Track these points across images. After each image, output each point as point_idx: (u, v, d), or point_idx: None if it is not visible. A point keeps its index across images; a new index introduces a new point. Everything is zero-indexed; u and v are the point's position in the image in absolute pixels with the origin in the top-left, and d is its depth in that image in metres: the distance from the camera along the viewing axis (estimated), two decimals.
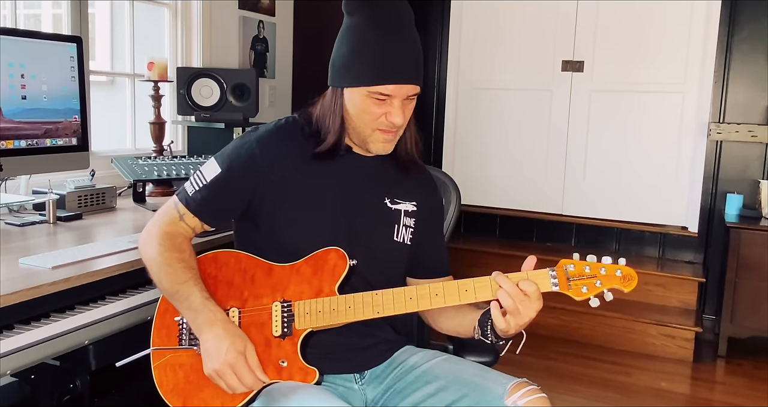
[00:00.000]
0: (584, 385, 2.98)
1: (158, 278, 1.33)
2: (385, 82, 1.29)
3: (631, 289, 1.21)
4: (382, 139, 1.35)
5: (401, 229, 1.43)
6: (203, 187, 1.35)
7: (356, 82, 1.30)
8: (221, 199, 1.37)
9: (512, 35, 4.07)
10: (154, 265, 1.33)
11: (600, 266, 1.22)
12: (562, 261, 1.23)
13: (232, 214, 1.42)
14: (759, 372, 3.19)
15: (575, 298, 1.22)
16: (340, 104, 1.34)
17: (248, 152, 1.35)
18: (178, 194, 1.39)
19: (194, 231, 1.39)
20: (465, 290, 1.25)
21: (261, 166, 1.34)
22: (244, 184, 1.35)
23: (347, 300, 1.28)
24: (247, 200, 1.36)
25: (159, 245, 1.33)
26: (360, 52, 1.30)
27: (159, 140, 2.78)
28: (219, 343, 1.24)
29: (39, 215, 2.05)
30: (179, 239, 1.35)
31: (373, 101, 1.30)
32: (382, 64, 1.28)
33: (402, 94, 1.31)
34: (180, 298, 1.30)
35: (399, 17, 1.32)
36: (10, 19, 2.39)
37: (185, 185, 1.39)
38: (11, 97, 1.84)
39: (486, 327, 1.30)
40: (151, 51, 3.15)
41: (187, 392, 1.31)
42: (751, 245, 3.22)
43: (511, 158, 4.17)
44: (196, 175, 1.38)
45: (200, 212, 1.36)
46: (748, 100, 3.57)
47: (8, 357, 1.32)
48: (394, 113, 1.31)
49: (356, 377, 1.41)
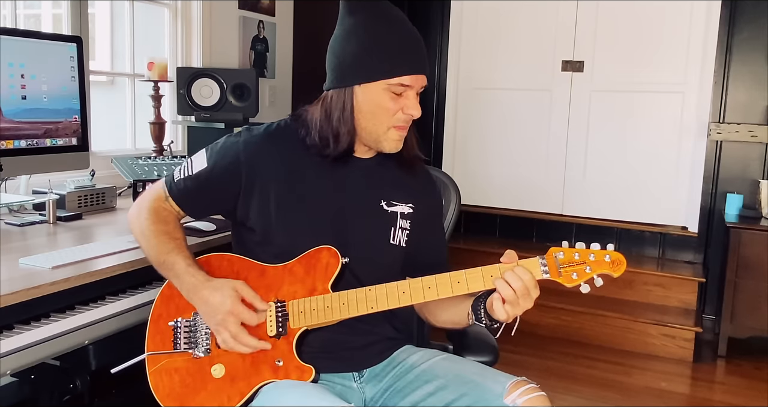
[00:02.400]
0: (584, 385, 2.98)
1: (146, 251, 1.38)
2: (405, 73, 1.29)
3: (620, 274, 1.22)
4: (397, 136, 1.36)
5: (397, 231, 1.43)
6: (188, 177, 1.40)
7: (374, 77, 1.30)
8: (202, 193, 1.40)
9: (512, 35, 4.07)
10: (142, 238, 1.39)
11: (589, 252, 1.23)
12: (551, 249, 1.24)
13: (212, 210, 1.47)
14: (759, 372, 3.19)
15: (566, 285, 1.23)
16: (351, 104, 1.33)
17: (234, 155, 1.37)
18: (167, 176, 1.45)
19: (178, 214, 1.43)
20: (457, 282, 1.26)
21: (244, 170, 1.35)
22: (225, 185, 1.37)
23: (341, 297, 1.29)
24: (228, 200, 1.38)
25: (145, 219, 1.38)
26: (373, 47, 1.30)
27: (159, 140, 2.78)
28: (210, 299, 1.27)
29: (39, 215, 2.05)
30: (164, 213, 1.41)
31: (390, 96, 1.31)
32: (400, 55, 1.30)
33: (418, 85, 1.32)
34: (166, 268, 1.34)
35: (397, 13, 1.34)
36: (10, 19, 2.39)
37: (175, 169, 1.44)
38: (11, 98, 1.84)
39: (479, 311, 1.29)
40: (151, 51, 3.15)
41: (183, 396, 1.31)
42: (751, 245, 3.22)
43: (511, 158, 4.17)
44: (186, 162, 1.42)
45: (180, 200, 1.42)
46: (748, 100, 3.57)
47: (8, 357, 1.32)
48: (410, 106, 1.32)
49: (355, 375, 1.41)
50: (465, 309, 1.34)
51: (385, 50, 1.29)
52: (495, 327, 1.30)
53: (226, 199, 1.38)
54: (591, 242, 1.25)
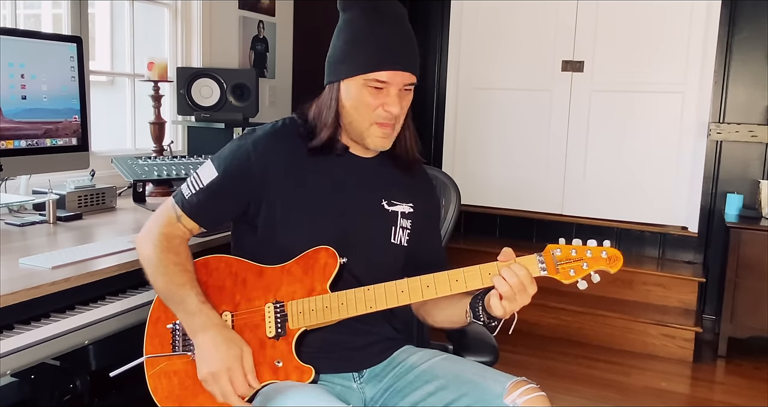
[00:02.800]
0: (584, 385, 2.98)
1: (153, 280, 1.33)
2: (380, 69, 1.29)
3: (617, 270, 1.23)
4: (380, 133, 1.35)
5: (398, 231, 1.43)
6: (199, 190, 1.36)
7: (352, 72, 1.31)
8: (217, 202, 1.37)
9: (512, 35, 4.07)
10: (150, 266, 1.34)
11: (586, 249, 1.24)
12: (548, 246, 1.25)
13: (228, 217, 1.42)
14: (759, 372, 3.19)
15: (563, 281, 1.24)
16: (336, 98, 1.34)
17: (244, 156, 1.35)
18: (175, 195, 1.39)
19: (191, 232, 1.39)
20: (455, 280, 1.25)
21: (257, 170, 1.34)
22: (240, 188, 1.35)
23: (339, 297, 1.29)
24: (243, 203, 1.37)
25: (155, 247, 1.33)
26: (355, 43, 1.31)
27: (159, 140, 2.78)
28: (215, 348, 1.25)
29: (39, 215, 2.05)
30: (176, 241, 1.36)
31: (370, 91, 1.31)
32: (378, 51, 1.29)
33: (398, 83, 1.31)
34: (175, 301, 1.30)
35: (393, 11, 1.34)
36: (10, 19, 2.39)
37: (182, 187, 1.39)
38: (11, 98, 1.84)
39: (477, 308, 1.29)
40: (151, 51, 3.15)
41: (182, 398, 1.31)
42: (751, 245, 3.22)
43: (511, 158, 4.17)
44: (193, 177, 1.38)
45: (196, 216, 1.37)
46: (748, 100, 3.57)
47: (8, 357, 1.32)
48: (390, 103, 1.31)
49: (355, 376, 1.41)
50: (463, 307, 1.34)
51: (365, 47, 1.30)
52: (493, 325, 1.30)
53: (241, 203, 1.37)
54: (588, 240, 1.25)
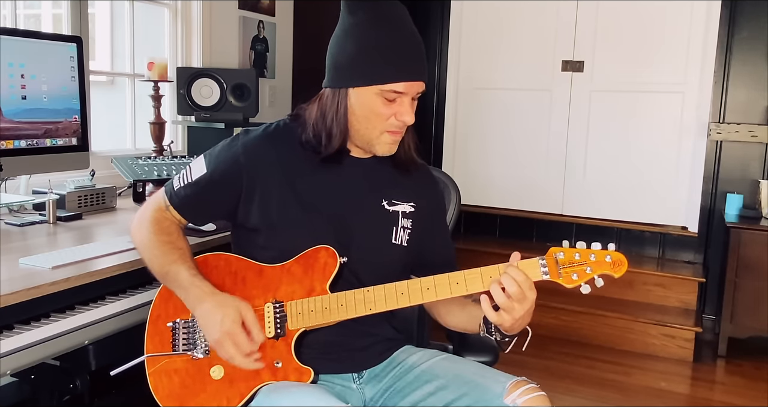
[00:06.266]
0: (584, 385, 2.98)
1: (149, 262, 1.36)
2: (397, 80, 1.27)
3: (621, 274, 1.20)
4: (390, 140, 1.34)
5: (399, 231, 1.42)
6: (188, 184, 1.38)
7: (367, 82, 1.28)
8: (203, 199, 1.39)
9: (512, 35, 4.07)
10: (144, 249, 1.37)
11: (590, 252, 1.21)
12: (551, 249, 1.22)
13: (216, 215, 1.46)
14: (759, 372, 3.19)
15: (566, 286, 1.21)
16: (345, 106, 1.31)
17: (233, 158, 1.36)
18: (166, 185, 1.43)
19: (180, 223, 1.42)
20: (456, 283, 1.25)
21: (245, 172, 1.34)
22: (226, 189, 1.36)
23: (339, 298, 1.28)
24: (230, 204, 1.37)
25: (147, 230, 1.36)
26: (367, 51, 1.28)
27: (159, 140, 2.78)
28: (211, 316, 1.25)
29: (39, 215, 2.05)
30: (166, 223, 1.39)
31: (383, 101, 1.29)
32: (395, 61, 1.27)
33: (413, 92, 1.31)
34: (170, 279, 1.32)
35: (400, 14, 1.31)
36: (10, 19, 2.39)
37: (174, 178, 1.42)
38: (11, 98, 1.84)
39: (490, 324, 1.28)
40: (151, 51, 3.15)
41: (183, 397, 1.31)
42: (751, 245, 3.22)
43: (511, 158, 4.17)
44: (185, 170, 1.41)
45: (182, 209, 1.40)
46: (748, 100, 3.57)
47: (8, 357, 1.32)
48: (404, 113, 1.30)
49: (354, 376, 1.41)
50: (476, 318, 1.33)
51: (380, 55, 1.27)
52: (506, 341, 1.29)
53: (227, 203, 1.37)
54: (591, 242, 1.22)
